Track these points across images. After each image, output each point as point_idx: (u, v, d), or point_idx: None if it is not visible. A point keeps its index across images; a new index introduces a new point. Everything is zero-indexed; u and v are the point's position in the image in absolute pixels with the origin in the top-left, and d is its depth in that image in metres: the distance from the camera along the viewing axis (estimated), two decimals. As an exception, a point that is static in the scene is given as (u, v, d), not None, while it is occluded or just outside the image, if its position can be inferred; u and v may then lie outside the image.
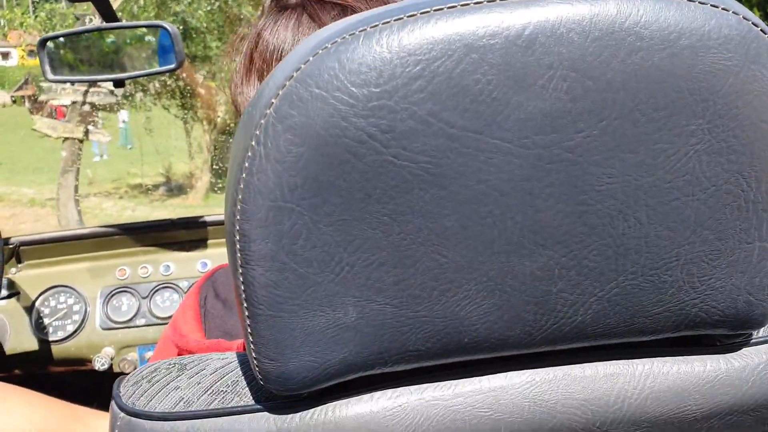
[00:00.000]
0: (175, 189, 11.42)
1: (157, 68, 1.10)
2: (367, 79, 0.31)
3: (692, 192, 0.35)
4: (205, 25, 10.50)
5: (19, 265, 1.46)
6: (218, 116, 11.83)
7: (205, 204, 10.58)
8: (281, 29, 0.59)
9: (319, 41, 0.32)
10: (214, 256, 1.44)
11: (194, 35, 10.46)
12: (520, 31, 0.31)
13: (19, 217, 9.91)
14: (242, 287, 0.35)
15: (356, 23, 0.32)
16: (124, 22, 1.09)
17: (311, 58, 0.32)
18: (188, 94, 11.04)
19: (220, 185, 11.06)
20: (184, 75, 10.71)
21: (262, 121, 0.32)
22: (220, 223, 1.46)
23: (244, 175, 0.33)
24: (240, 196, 0.33)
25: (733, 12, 0.33)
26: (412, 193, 0.33)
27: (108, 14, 1.08)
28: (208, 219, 1.47)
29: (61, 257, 1.46)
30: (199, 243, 1.48)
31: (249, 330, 0.36)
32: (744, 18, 0.33)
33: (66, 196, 7.60)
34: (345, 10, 0.58)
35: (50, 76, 1.11)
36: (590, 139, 0.33)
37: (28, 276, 1.44)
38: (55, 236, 1.46)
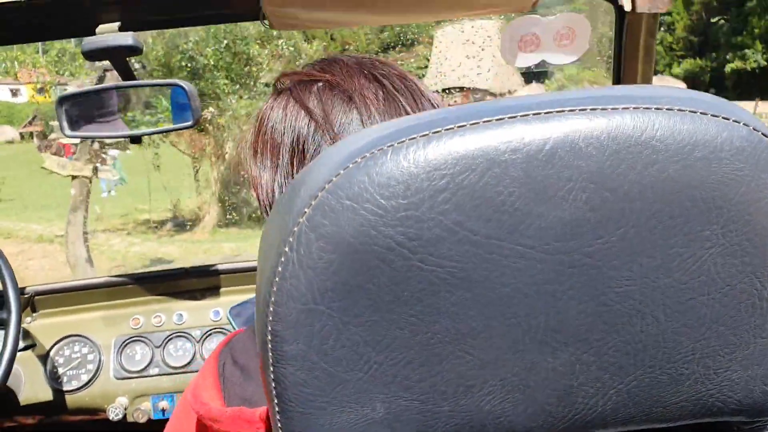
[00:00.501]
0: (183, 224, 11.47)
1: (173, 125, 1.12)
2: (395, 191, 0.33)
3: (708, 292, 0.37)
4: (213, 63, 10.65)
5: (34, 315, 1.47)
6: (226, 152, 11.94)
7: (212, 239, 10.61)
8: (276, 110, 0.63)
9: (350, 153, 0.34)
10: (227, 304, 1.45)
11: (203, 73, 10.61)
12: (541, 146, 0.33)
13: (27, 253, 9.95)
14: (273, 384, 0.36)
15: (384, 138, 0.34)
16: (141, 81, 1.11)
17: (342, 171, 0.33)
18: (196, 130, 11.15)
19: (227, 220, 11.10)
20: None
21: (296, 229, 0.34)
22: (232, 271, 1.48)
23: (277, 278, 0.34)
24: (273, 299, 0.34)
25: (744, 124, 0.35)
26: (439, 295, 0.34)
27: (125, 72, 1.11)
28: (220, 267, 1.48)
29: (76, 306, 1.48)
30: (212, 291, 1.49)
31: (279, 425, 0.37)
32: (754, 129, 0.35)
33: (75, 234, 7.65)
34: (329, 85, 0.61)
35: (68, 132, 1.13)
36: (609, 245, 0.34)
37: (42, 325, 1.45)
38: (70, 286, 1.48)
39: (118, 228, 11.82)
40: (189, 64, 10.36)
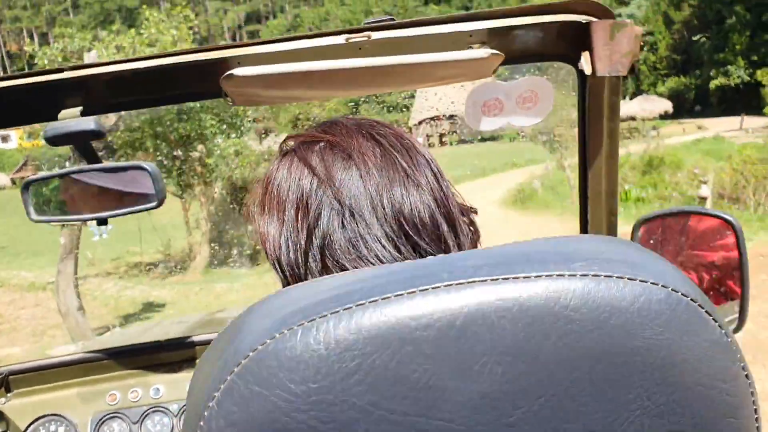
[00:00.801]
0: (175, 266, 11.42)
1: (138, 207, 1.12)
2: (306, 376, 0.32)
3: None
4: (199, 105, 10.70)
5: (8, 395, 1.44)
6: (215, 192, 11.95)
7: (204, 279, 10.56)
8: (281, 170, 0.68)
9: (259, 335, 0.33)
10: (204, 375, 1.42)
11: (190, 115, 10.65)
12: (452, 321, 0.32)
13: (19, 302, 9.87)
14: None
15: (296, 314, 0.33)
16: (105, 164, 1.11)
17: (251, 354, 0.32)
18: (185, 172, 11.16)
19: (219, 260, 11.05)
20: (180, 151, 10.88)
21: (206, 413, 0.33)
22: (207, 342, 1.46)
23: None
24: None
25: (662, 285, 0.34)
26: None
27: (89, 156, 1.11)
28: (195, 339, 1.46)
29: (51, 384, 1.45)
30: (189, 363, 1.47)
31: None
32: (673, 290, 0.34)
33: (65, 282, 7.59)
34: (330, 145, 0.66)
35: (34, 216, 1.12)
36: (530, 414, 0.33)
37: (17, 405, 1.43)
38: (45, 364, 1.45)
39: (110, 272, 11.77)
40: (175, 107, 10.40)
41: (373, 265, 0.58)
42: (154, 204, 1.09)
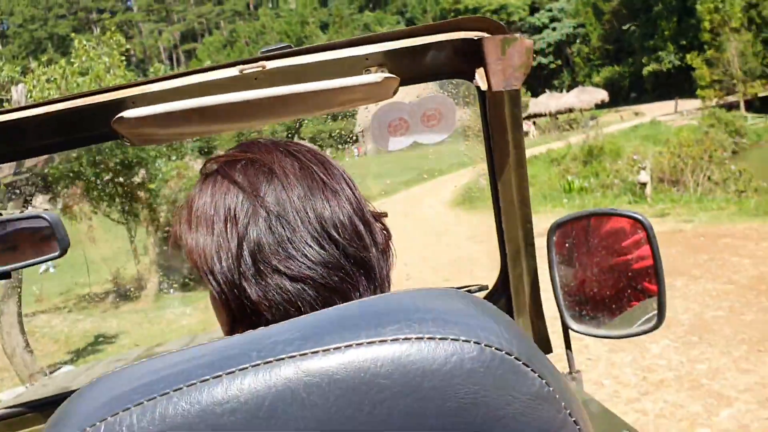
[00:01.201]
0: (125, 294, 11.17)
1: (39, 258, 1.08)
2: None
3: None
4: (137, 129, 10.50)
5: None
6: (160, 216, 11.74)
7: (156, 306, 10.35)
8: (205, 190, 0.71)
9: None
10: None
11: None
12: (260, 403, 0.31)
13: (-38, 347, 9.49)
14: None
15: (94, 413, 0.32)
16: (4, 216, 1.07)
17: None
18: (128, 198, 10.96)
19: (169, 285, 10.85)
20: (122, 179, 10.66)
21: None
22: None
23: None
24: None
25: (474, 342, 0.34)
26: None
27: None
28: None
29: None
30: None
31: None
32: (486, 345, 0.34)
33: (9, 322, 7.33)
34: (251, 161, 0.71)
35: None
36: None
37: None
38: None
39: (59, 307, 11.44)
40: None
41: (302, 263, 0.63)
42: (56, 254, 1.06)
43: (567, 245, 1.38)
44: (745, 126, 29.61)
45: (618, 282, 1.34)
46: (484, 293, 1.55)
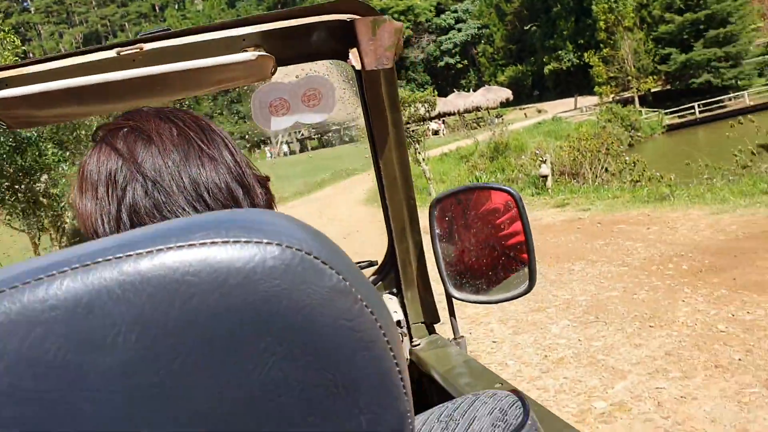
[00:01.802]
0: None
1: None
2: None
3: (285, 393, 0.40)
4: (37, 134, 10.05)
5: None
6: (65, 222, 11.26)
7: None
8: (93, 156, 0.75)
9: None
10: None
11: (27, 146, 9.99)
12: (79, 299, 0.35)
13: None
14: None
15: None
16: None
17: None
18: (30, 205, 10.47)
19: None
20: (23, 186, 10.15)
21: None
22: None
23: None
24: None
25: (276, 243, 0.39)
26: None
27: None
28: None
29: None
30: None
31: None
32: (286, 246, 0.39)
33: None
34: (131, 129, 0.74)
35: None
36: (172, 374, 0.37)
37: None
38: None
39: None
40: (10, 138, 9.70)
41: None
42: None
43: (447, 219, 1.47)
44: (640, 120, 31.27)
45: (494, 251, 1.43)
46: (373, 269, 1.62)
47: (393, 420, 0.45)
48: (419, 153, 21.03)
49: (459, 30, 62.73)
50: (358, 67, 1.15)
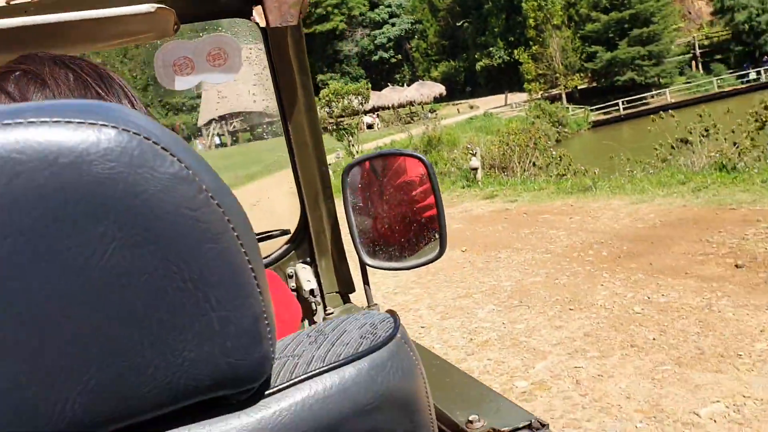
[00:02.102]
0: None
1: None
2: None
3: (129, 283, 0.39)
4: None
5: None
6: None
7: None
8: None
9: None
10: None
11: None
12: None
13: None
14: None
15: None
16: None
17: None
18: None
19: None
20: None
21: None
22: None
23: None
24: None
25: (112, 126, 0.38)
26: None
27: None
28: None
29: None
30: None
31: None
32: (123, 129, 0.38)
33: None
34: (24, 73, 0.72)
35: None
36: (3, 253, 0.36)
37: None
38: None
39: None
40: None
41: None
42: None
43: (360, 186, 1.46)
44: (567, 116, 32.17)
45: (406, 218, 1.44)
46: (286, 237, 1.60)
47: (246, 320, 0.44)
48: (353, 146, 21.05)
49: (393, 24, 62.97)
50: (263, 24, 1.14)
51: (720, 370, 3.39)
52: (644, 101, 36.79)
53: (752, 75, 34.99)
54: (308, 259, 1.64)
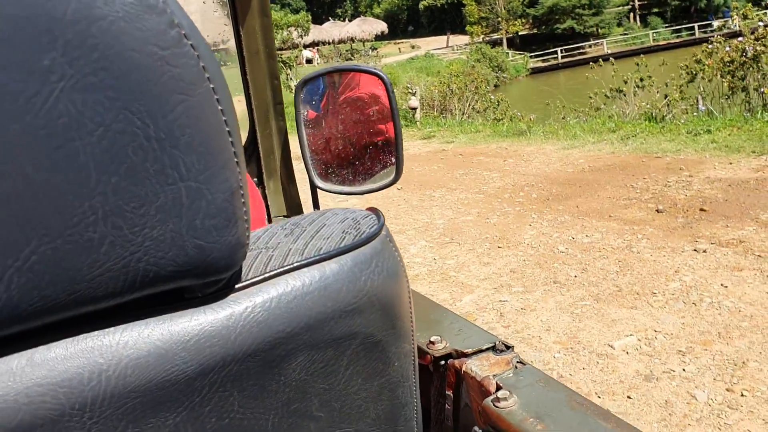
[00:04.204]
0: None
1: None
2: None
3: (78, 135, 0.32)
4: None
5: None
6: None
7: None
8: None
9: None
10: None
11: None
12: None
13: None
14: None
15: None
16: None
17: None
18: None
19: None
20: None
21: None
22: None
23: None
24: None
25: None
26: None
27: None
28: None
29: None
30: None
31: None
32: None
33: None
34: None
35: None
36: None
37: None
38: None
39: None
40: None
41: None
42: None
43: (314, 103, 1.45)
44: (507, 62, 32.33)
45: (361, 139, 1.43)
46: None
47: (220, 195, 0.38)
48: (291, 80, 20.60)
49: (337, -44, 61.22)
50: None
51: (635, 306, 3.61)
52: (582, 50, 37.30)
53: (715, 24, 35.54)
54: (255, 179, 1.55)
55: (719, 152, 6.55)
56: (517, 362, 0.89)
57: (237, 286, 0.42)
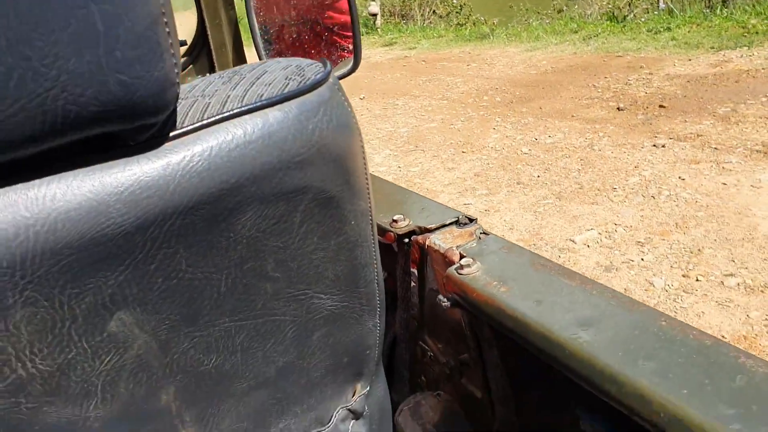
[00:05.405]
0: None
1: None
2: None
3: None
4: None
5: None
6: None
7: None
8: None
9: None
10: None
11: None
12: None
13: None
14: None
15: None
16: None
17: None
18: None
19: None
20: None
21: None
22: None
23: None
24: None
25: None
26: None
27: None
28: None
29: None
30: None
31: None
32: None
33: None
34: None
35: None
36: None
37: None
38: None
39: None
40: None
41: None
42: None
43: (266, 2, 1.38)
44: (468, -34, 31.40)
45: (316, 26, 1.38)
46: (182, 49, 1.50)
47: (141, 22, 0.34)
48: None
49: None
50: None
51: (596, 202, 3.68)
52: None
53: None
54: (207, 74, 1.53)
55: (679, 49, 6.55)
56: (481, 233, 0.90)
57: (172, 134, 0.40)
